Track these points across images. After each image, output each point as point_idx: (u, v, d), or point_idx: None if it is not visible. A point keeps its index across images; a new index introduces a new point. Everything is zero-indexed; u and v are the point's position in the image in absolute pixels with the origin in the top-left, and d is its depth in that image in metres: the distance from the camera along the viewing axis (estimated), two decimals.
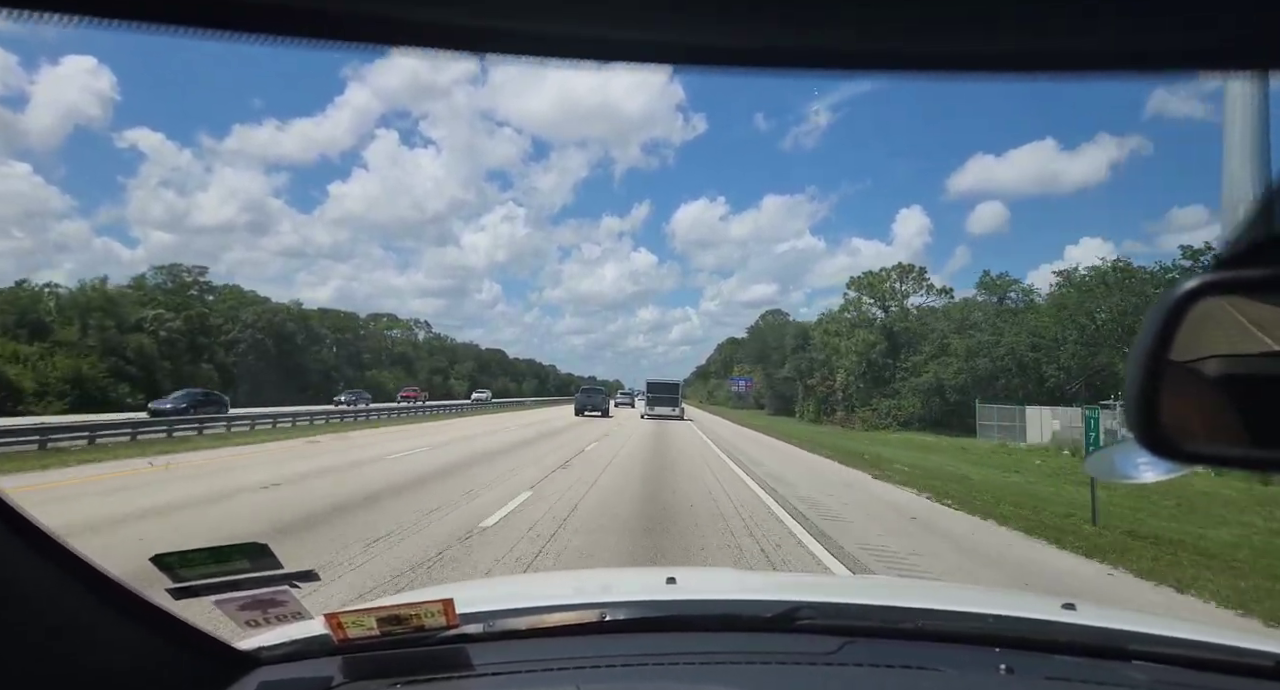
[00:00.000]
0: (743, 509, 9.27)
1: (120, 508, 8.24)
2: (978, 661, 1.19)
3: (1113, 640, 1.28)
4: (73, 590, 0.85)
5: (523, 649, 1.22)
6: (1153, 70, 0.35)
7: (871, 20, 0.34)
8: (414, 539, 6.78)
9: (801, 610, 1.34)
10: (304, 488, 10.26)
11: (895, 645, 1.27)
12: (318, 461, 14.03)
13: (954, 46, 0.36)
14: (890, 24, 0.35)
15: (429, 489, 10.31)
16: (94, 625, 0.88)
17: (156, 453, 14.91)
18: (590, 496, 9.86)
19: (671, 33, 0.36)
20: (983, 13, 0.34)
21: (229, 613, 1.06)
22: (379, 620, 1.09)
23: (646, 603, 1.46)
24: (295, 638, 1.18)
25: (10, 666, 0.77)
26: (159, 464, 12.85)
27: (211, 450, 16.51)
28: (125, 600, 0.91)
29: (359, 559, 5.93)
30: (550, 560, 6.06)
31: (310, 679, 1.08)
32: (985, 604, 1.58)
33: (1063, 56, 0.36)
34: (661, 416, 39.90)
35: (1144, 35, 0.35)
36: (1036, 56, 0.36)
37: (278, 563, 1.06)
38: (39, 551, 0.82)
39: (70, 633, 0.84)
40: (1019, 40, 0.35)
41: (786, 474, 14.09)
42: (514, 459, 15.10)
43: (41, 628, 0.81)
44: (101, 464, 12.89)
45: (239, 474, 11.91)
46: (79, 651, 0.85)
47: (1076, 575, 6.39)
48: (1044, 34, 0.34)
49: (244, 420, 24.13)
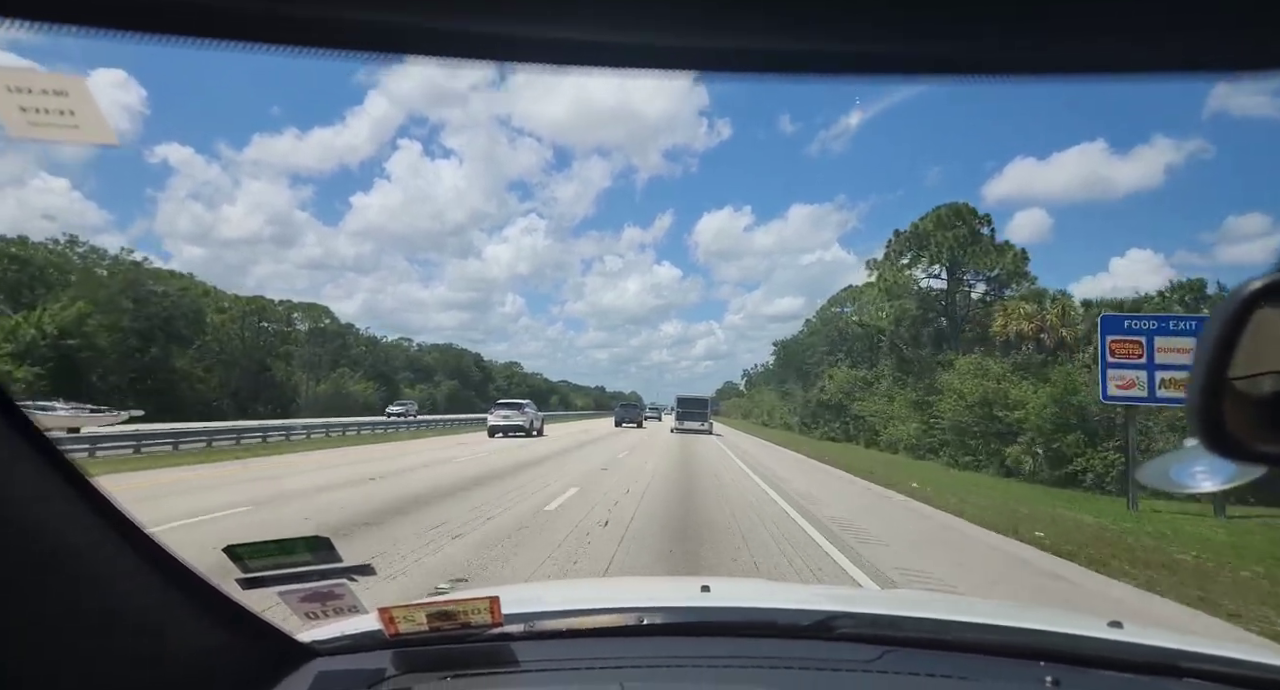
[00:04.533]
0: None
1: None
2: (1021, 675, 1.17)
3: (1162, 657, 1.23)
4: (153, 579, 0.90)
5: (564, 648, 1.24)
6: (1215, 70, 0.33)
7: (909, 22, 0.33)
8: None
9: (839, 619, 1.33)
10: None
11: (936, 656, 1.25)
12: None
13: (999, 51, 0.34)
14: (929, 26, 0.33)
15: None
16: (168, 613, 0.92)
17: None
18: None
19: (699, 38, 0.35)
20: (1033, 14, 0.32)
21: (290, 604, 1.11)
22: (428, 616, 1.13)
23: (684, 608, 1.47)
24: (350, 632, 1.22)
25: (86, 647, 0.81)
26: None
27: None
28: (198, 589, 0.96)
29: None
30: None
31: (365, 671, 1.11)
32: (1028, 619, 1.55)
33: (1121, 57, 0.34)
34: (690, 431, 39.15)
35: (1202, 33, 0.33)
36: (1087, 58, 0.34)
37: (338, 556, 1.11)
38: (128, 542, 0.86)
39: (144, 619, 0.89)
40: (1068, 44, 0.33)
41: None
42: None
43: (122, 614, 0.86)
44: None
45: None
46: (150, 636, 0.90)
47: None
48: (1096, 36, 0.32)
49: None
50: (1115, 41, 0.33)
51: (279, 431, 25.12)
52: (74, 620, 0.79)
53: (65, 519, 0.79)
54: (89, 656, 0.81)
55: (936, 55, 0.35)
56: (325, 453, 19.43)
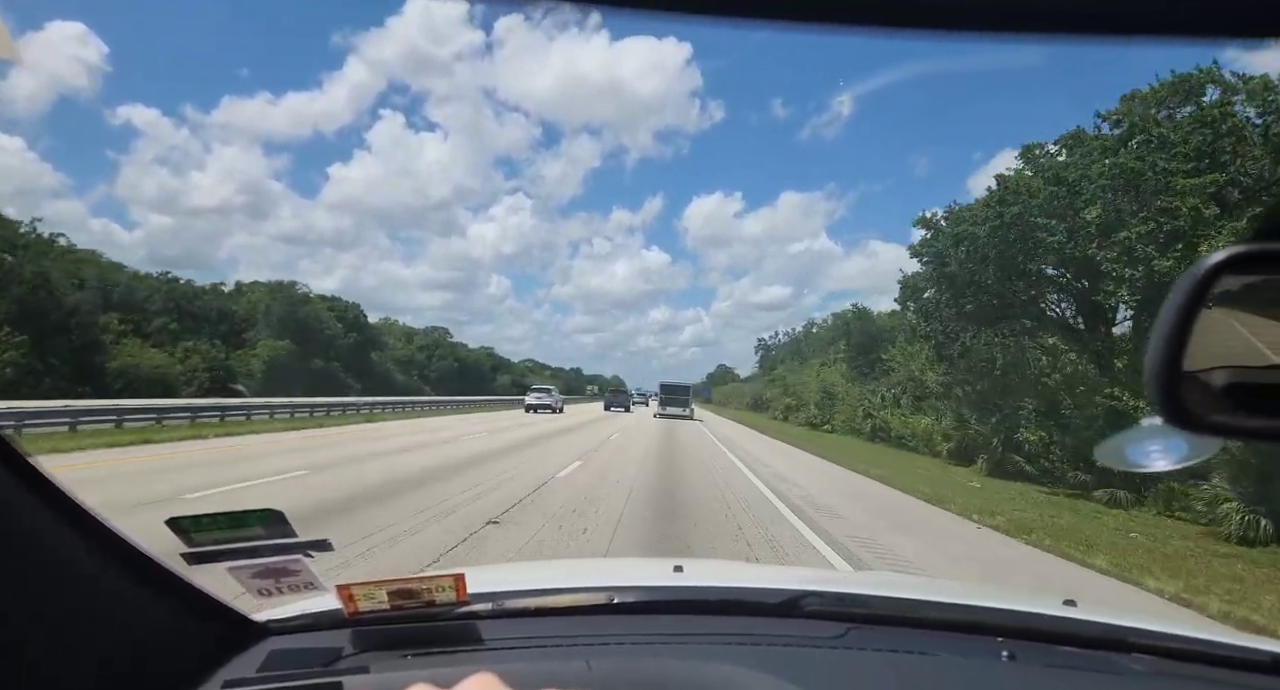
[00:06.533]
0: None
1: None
2: (980, 650, 1.21)
3: (1113, 633, 1.30)
4: (92, 559, 0.86)
5: (532, 626, 1.24)
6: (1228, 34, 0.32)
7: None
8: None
9: (808, 597, 1.36)
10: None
11: (900, 632, 1.28)
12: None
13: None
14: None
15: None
16: (109, 594, 0.89)
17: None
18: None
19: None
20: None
21: (242, 580, 1.07)
22: (390, 593, 1.10)
23: (655, 588, 1.48)
24: (309, 611, 1.20)
25: (30, 631, 0.78)
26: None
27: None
28: (142, 567, 0.92)
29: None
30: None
31: (320, 649, 1.09)
32: (988, 598, 1.62)
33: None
34: (673, 416, 40.91)
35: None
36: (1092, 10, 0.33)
37: (292, 531, 1.06)
38: (68, 522, 0.83)
39: (89, 599, 0.86)
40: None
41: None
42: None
43: (64, 595, 0.83)
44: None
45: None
46: (95, 617, 0.87)
47: None
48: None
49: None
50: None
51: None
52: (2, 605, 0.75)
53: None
54: (16, 645, 0.77)
55: (933, 4, 0.34)
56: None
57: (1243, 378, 0.53)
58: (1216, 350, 0.53)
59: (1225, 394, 0.54)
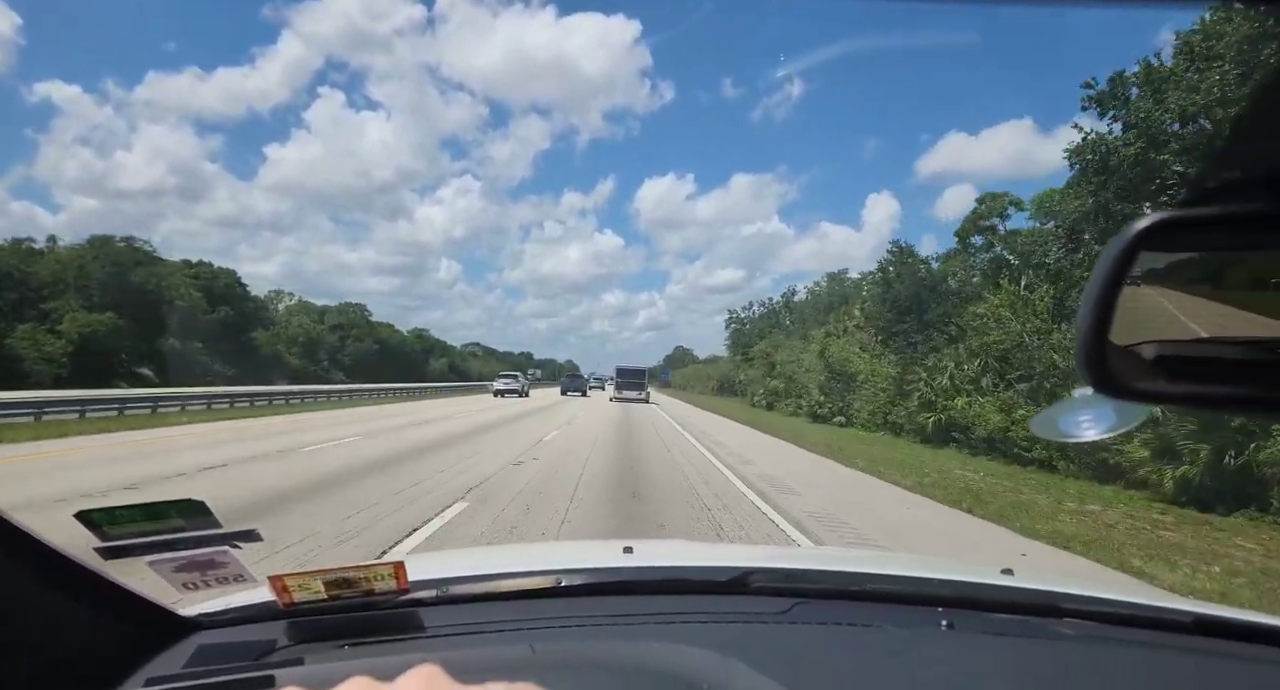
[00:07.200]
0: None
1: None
2: (921, 620, 1.24)
3: (1046, 599, 1.35)
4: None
5: (476, 612, 1.21)
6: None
7: None
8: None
9: (754, 574, 1.37)
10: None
11: (844, 606, 1.31)
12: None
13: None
14: None
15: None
16: (13, 593, 0.83)
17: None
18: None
19: None
20: None
21: (164, 574, 1.02)
22: (326, 583, 1.06)
23: (602, 569, 1.47)
24: (240, 604, 1.15)
25: None
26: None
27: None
28: (50, 564, 0.87)
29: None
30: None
31: (252, 642, 1.04)
32: (929, 570, 1.69)
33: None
34: (628, 400, 40.29)
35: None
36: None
37: (216, 522, 1.02)
38: None
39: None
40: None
41: None
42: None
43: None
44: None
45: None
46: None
47: None
48: None
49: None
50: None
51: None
52: None
53: None
54: None
55: None
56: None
57: (1169, 351, 0.53)
58: (1144, 322, 0.54)
59: (1150, 362, 0.54)
